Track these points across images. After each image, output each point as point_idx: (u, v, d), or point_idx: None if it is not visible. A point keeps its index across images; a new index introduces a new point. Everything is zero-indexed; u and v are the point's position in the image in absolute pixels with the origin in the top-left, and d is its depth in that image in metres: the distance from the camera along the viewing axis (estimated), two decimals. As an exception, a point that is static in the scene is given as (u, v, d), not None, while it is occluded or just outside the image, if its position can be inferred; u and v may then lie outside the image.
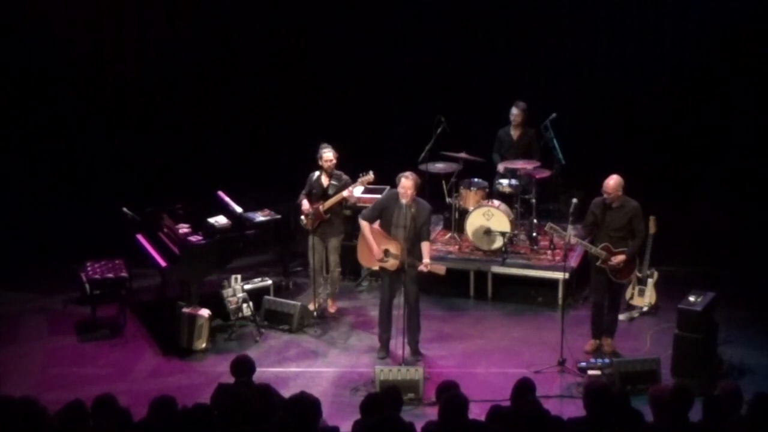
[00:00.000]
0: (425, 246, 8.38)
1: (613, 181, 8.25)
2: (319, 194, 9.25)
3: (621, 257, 8.30)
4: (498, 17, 12.47)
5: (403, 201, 8.25)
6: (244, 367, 6.37)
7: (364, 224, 8.51)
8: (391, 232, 8.34)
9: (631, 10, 12.14)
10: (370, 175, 9.17)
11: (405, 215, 8.25)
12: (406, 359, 8.40)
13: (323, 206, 9.19)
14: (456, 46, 12.68)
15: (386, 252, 8.32)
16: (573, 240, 8.40)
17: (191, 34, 12.72)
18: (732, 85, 11.73)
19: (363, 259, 8.75)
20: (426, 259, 8.29)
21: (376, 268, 8.81)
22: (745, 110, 11.71)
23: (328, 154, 9.19)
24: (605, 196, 8.28)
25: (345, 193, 9.15)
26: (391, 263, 8.32)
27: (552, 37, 12.32)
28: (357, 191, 9.57)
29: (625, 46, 12.21)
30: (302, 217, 9.41)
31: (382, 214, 8.43)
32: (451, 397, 5.54)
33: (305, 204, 9.29)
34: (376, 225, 8.49)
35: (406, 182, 8.23)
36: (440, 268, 8.44)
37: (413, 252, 8.29)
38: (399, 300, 8.58)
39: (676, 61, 12.09)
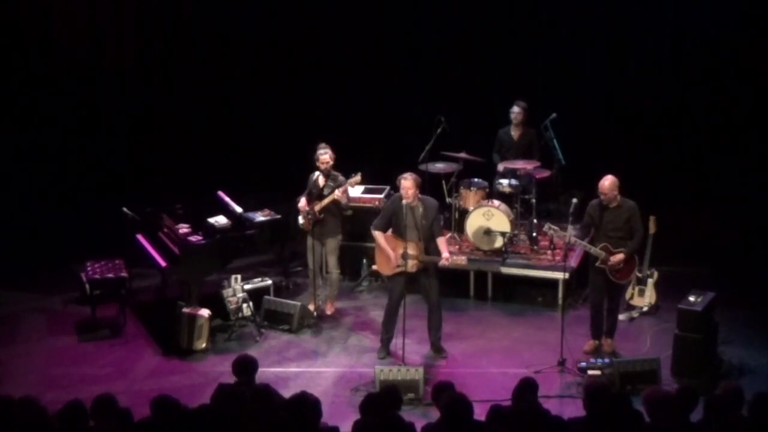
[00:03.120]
0: (441, 242, 8.46)
1: (608, 181, 8.26)
2: (316, 195, 9.25)
3: (620, 256, 8.30)
4: (498, 17, 12.46)
5: (406, 202, 8.27)
6: (246, 366, 6.34)
7: (377, 234, 8.53)
8: (405, 235, 8.35)
9: (631, 9, 12.13)
10: (358, 177, 9.19)
11: (414, 216, 8.27)
12: (432, 357, 8.51)
13: (319, 206, 9.19)
14: (456, 45, 12.67)
15: (404, 255, 8.30)
16: (572, 240, 8.41)
17: (191, 34, 12.71)
18: (732, 85, 11.71)
19: (383, 268, 8.68)
20: (445, 254, 8.34)
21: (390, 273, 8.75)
22: (745, 110, 11.70)
23: (324, 156, 9.20)
24: (602, 197, 8.29)
25: (337, 193, 9.16)
26: (411, 264, 8.31)
27: (552, 37, 12.30)
28: (349, 192, 9.58)
29: (625, 46, 12.20)
30: (299, 217, 9.41)
31: (393, 219, 8.46)
32: (452, 398, 5.54)
33: (302, 203, 9.30)
34: (389, 232, 8.53)
35: (406, 183, 8.28)
36: (462, 260, 8.55)
37: (430, 250, 8.35)
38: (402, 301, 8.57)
39: (676, 61, 12.09)
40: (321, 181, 9.26)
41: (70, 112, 12.17)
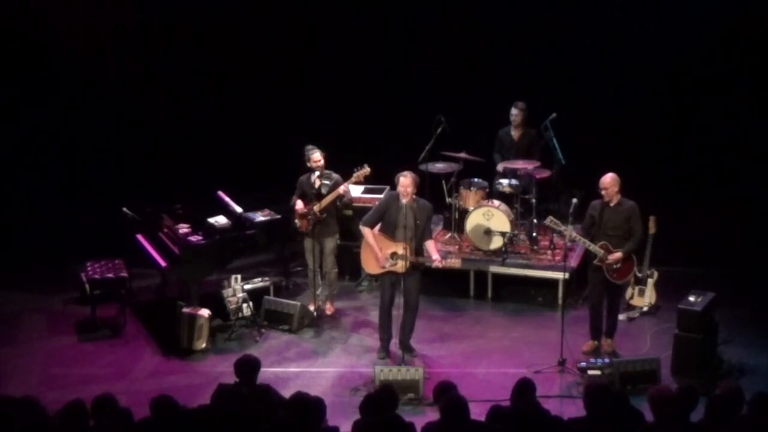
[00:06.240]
0: (430, 245, 8.38)
1: (609, 176, 8.32)
2: (312, 195, 9.23)
3: (618, 255, 8.31)
4: (498, 17, 12.45)
5: (404, 200, 8.20)
6: (248, 367, 6.33)
7: (366, 230, 8.42)
8: (395, 234, 8.28)
9: (631, 9, 12.12)
10: (366, 169, 9.16)
11: (407, 215, 8.16)
12: (405, 359, 8.38)
13: (319, 206, 9.18)
14: (456, 46, 12.66)
15: (393, 255, 8.26)
16: (572, 234, 8.41)
17: (191, 34, 12.70)
18: (732, 85, 11.70)
19: (368, 266, 8.59)
20: (435, 256, 8.28)
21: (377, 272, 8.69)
22: (745, 110, 11.69)
23: (316, 155, 9.19)
24: (602, 192, 8.31)
25: (341, 189, 9.14)
26: (400, 265, 8.27)
27: (552, 37, 12.29)
28: (353, 188, 9.55)
29: (624, 45, 12.18)
30: (296, 220, 9.40)
31: (384, 216, 8.38)
32: (452, 399, 5.54)
33: (300, 205, 9.29)
34: (377, 230, 8.46)
35: (405, 180, 8.19)
36: (456, 262, 8.51)
37: (418, 251, 8.29)
38: (399, 300, 8.57)
39: (676, 61, 12.06)
40: (315, 181, 9.24)
41: (69, 112, 12.16)
